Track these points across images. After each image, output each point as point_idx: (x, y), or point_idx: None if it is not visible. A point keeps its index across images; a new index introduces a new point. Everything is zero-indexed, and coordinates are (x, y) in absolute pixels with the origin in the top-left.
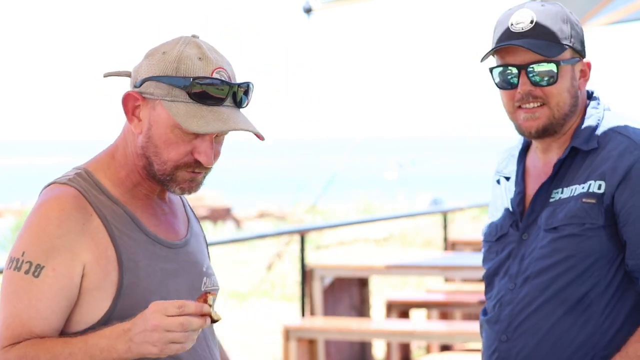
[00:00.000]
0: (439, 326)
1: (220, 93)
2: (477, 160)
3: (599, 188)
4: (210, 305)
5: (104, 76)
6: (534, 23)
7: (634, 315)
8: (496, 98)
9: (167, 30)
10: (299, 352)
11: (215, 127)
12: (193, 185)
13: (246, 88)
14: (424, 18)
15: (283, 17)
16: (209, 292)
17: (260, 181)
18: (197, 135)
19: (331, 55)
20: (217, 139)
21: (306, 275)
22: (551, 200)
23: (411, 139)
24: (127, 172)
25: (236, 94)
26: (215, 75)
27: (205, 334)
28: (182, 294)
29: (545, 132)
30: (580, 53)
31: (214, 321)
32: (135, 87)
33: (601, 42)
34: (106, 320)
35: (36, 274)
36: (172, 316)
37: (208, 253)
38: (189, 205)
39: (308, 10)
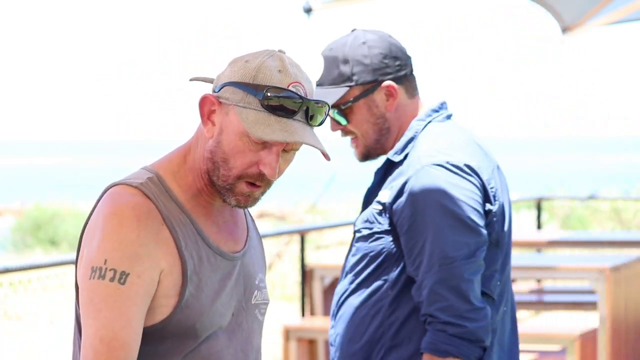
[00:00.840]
0: None
1: (292, 105)
2: None
3: (386, 197)
4: None
5: (190, 80)
6: (321, 72)
7: (415, 314)
8: (496, 98)
9: (167, 30)
10: (299, 352)
11: (279, 137)
12: (250, 200)
13: (321, 106)
14: (424, 18)
15: (283, 17)
16: None
17: None
18: (264, 147)
19: None
20: (284, 155)
21: (306, 275)
22: (369, 205)
23: None
24: (193, 176)
25: (309, 110)
26: (291, 89)
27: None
28: (232, 307)
29: (369, 157)
30: (373, 81)
31: None
32: (214, 91)
33: (601, 42)
34: (163, 326)
35: (122, 281)
36: None
37: (265, 265)
38: (250, 215)
39: (308, 10)
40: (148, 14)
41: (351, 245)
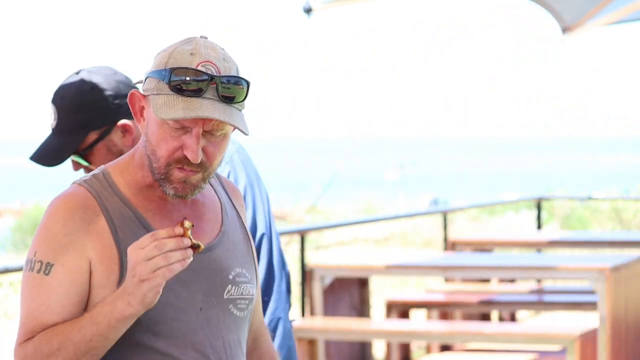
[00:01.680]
0: (439, 326)
1: (198, 85)
2: (477, 160)
3: None
4: (186, 229)
5: (134, 84)
6: (55, 118)
7: None
8: (496, 98)
9: (166, 30)
10: (299, 352)
11: (179, 114)
12: (187, 187)
13: (234, 82)
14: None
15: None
16: (185, 219)
17: None
18: (185, 131)
19: (331, 55)
20: (210, 138)
21: (306, 275)
22: None
23: (411, 139)
24: (142, 173)
25: (219, 87)
26: (199, 68)
27: (228, 337)
28: (197, 301)
29: None
30: (108, 123)
31: (194, 248)
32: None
33: (601, 42)
34: None
35: (47, 272)
36: (147, 247)
37: (254, 261)
38: (233, 210)
39: (308, 10)
40: (148, 14)
41: None
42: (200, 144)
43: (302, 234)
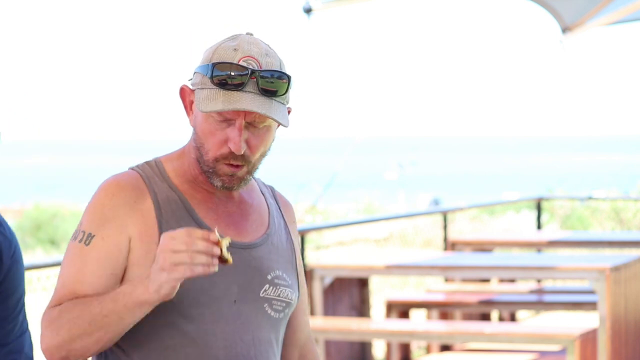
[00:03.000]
0: (439, 326)
1: (239, 79)
2: (477, 160)
3: None
4: (220, 240)
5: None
6: None
7: None
8: (496, 98)
9: (166, 30)
10: None
11: (218, 106)
12: (234, 180)
13: (276, 76)
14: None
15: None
16: (223, 236)
17: None
18: (229, 124)
19: (331, 55)
20: (253, 130)
21: (306, 275)
22: None
23: (411, 139)
24: (189, 164)
25: (258, 81)
26: (241, 63)
27: (261, 341)
28: (232, 293)
29: None
30: None
31: (222, 261)
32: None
33: (601, 42)
34: None
35: (87, 242)
36: (179, 238)
37: (297, 272)
38: (282, 219)
39: (308, 10)
40: (147, 14)
41: None
42: (243, 136)
43: (302, 234)
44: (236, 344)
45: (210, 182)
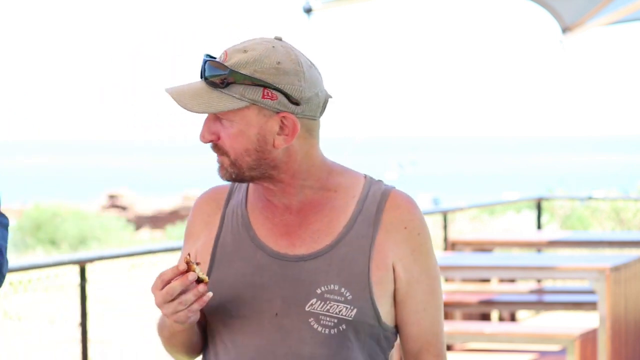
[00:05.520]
0: None
1: (201, 68)
2: (477, 160)
3: None
4: (191, 264)
5: None
6: None
7: None
8: (496, 98)
9: (165, 30)
10: None
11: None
12: (221, 171)
13: (207, 59)
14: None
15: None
16: (189, 254)
17: None
18: None
19: (331, 56)
20: (223, 121)
21: None
22: None
23: (411, 139)
24: None
25: (203, 69)
26: (218, 56)
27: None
28: (275, 306)
29: None
30: None
31: (199, 281)
32: None
33: (601, 42)
34: None
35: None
36: (160, 289)
37: (370, 286)
38: (370, 237)
39: (308, 10)
40: (147, 14)
41: None
42: (208, 126)
43: None
44: (266, 358)
45: None
